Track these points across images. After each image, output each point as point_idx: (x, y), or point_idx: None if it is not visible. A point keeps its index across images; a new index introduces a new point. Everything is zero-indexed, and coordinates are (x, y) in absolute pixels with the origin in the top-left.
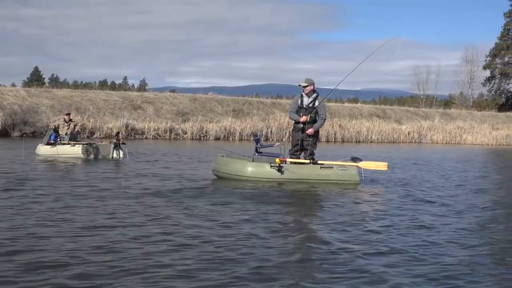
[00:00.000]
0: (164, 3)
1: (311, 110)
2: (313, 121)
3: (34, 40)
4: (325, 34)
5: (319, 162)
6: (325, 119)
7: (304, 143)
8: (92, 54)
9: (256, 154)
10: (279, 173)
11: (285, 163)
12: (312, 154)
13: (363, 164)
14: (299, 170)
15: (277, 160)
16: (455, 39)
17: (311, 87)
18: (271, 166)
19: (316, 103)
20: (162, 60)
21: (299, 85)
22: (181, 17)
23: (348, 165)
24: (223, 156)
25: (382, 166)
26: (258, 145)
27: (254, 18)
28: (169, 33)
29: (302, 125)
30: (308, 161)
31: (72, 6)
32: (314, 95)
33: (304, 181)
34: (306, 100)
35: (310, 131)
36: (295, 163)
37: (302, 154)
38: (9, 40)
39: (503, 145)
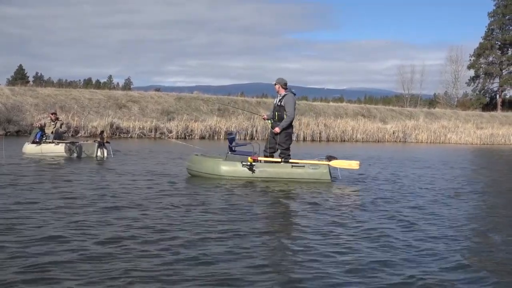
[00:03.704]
0: (149, 3)
1: (279, 108)
2: (280, 119)
3: (17, 39)
4: (309, 34)
5: (290, 160)
6: (291, 117)
7: (277, 141)
8: (76, 53)
9: (230, 152)
10: (251, 172)
11: (258, 161)
12: (284, 152)
13: (335, 163)
14: (270, 168)
15: (249, 158)
16: (439, 39)
17: (278, 86)
18: (242, 164)
19: (283, 102)
20: (147, 59)
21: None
22: (165, 16)
23: (320, 164)
24: (197, 154)
25: (354, 165)
26: (234, 143)
27: (238, 17)
28: (154, 32)
29: (271, 123)
30: (280, 159)
31: (55, 6)
32: (283, 93)
33: (275, 179)
34: (277, 99)
35: (276, 130)
36: (267, 161)
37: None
38: None
39: (487, 144)
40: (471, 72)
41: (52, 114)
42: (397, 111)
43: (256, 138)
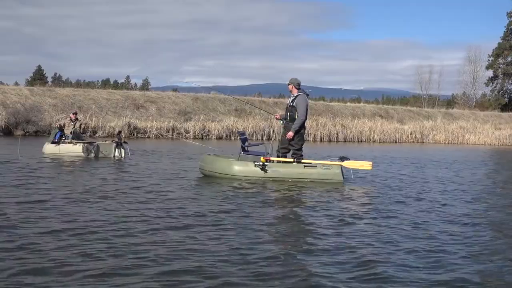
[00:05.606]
0: (164, 3)
1: (291, 109)
2: (292, 120)
3: (33, 39)
4: (325, 33)
5: (303, 161)
6: (302, 118)
7: (290, 142)
8: (90, 53)
9: (242, 152)
10: (263, 172)
11: (270, 161)
12: (296, 152)
13: (347, 164)
14: (282, 168)
15: (262, 158)
16: (457, 39)
17: (291, 86)
18: (255, 164)
19: (295, 102)
20: (163, 59)
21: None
22: (181, 16)
23: (332, 164)
24: (209, 154)
25: (366, 165)
26: (246, 143)
27: (253, 17)
28: (170, 32)
29: (283, 123)
30: (292, 160)
31: (70, 6)
32: (296, 93)
33: (287, 179)
34: (290, 100)
35: (289, 135)
36: (280, 161)
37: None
38: (8, 38)
39: (506, 145)
40: (490, 73)
41: (73, 114)
42: (415, 111)
43: (273, 139)
